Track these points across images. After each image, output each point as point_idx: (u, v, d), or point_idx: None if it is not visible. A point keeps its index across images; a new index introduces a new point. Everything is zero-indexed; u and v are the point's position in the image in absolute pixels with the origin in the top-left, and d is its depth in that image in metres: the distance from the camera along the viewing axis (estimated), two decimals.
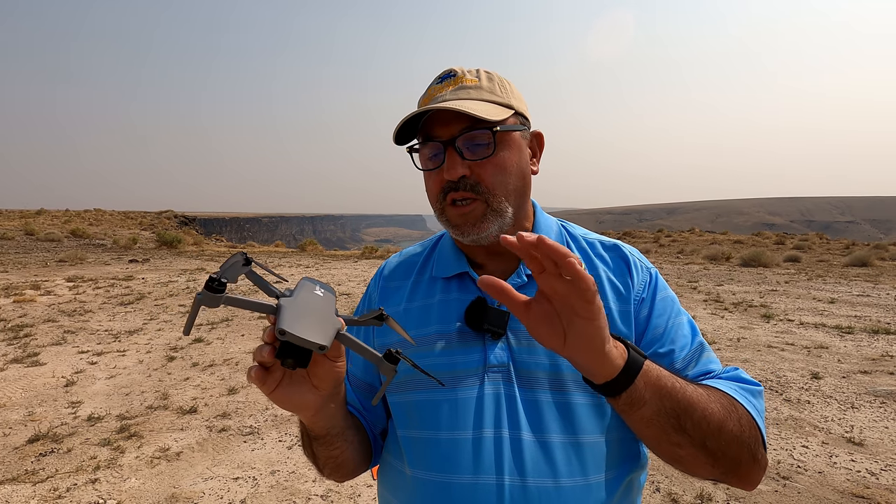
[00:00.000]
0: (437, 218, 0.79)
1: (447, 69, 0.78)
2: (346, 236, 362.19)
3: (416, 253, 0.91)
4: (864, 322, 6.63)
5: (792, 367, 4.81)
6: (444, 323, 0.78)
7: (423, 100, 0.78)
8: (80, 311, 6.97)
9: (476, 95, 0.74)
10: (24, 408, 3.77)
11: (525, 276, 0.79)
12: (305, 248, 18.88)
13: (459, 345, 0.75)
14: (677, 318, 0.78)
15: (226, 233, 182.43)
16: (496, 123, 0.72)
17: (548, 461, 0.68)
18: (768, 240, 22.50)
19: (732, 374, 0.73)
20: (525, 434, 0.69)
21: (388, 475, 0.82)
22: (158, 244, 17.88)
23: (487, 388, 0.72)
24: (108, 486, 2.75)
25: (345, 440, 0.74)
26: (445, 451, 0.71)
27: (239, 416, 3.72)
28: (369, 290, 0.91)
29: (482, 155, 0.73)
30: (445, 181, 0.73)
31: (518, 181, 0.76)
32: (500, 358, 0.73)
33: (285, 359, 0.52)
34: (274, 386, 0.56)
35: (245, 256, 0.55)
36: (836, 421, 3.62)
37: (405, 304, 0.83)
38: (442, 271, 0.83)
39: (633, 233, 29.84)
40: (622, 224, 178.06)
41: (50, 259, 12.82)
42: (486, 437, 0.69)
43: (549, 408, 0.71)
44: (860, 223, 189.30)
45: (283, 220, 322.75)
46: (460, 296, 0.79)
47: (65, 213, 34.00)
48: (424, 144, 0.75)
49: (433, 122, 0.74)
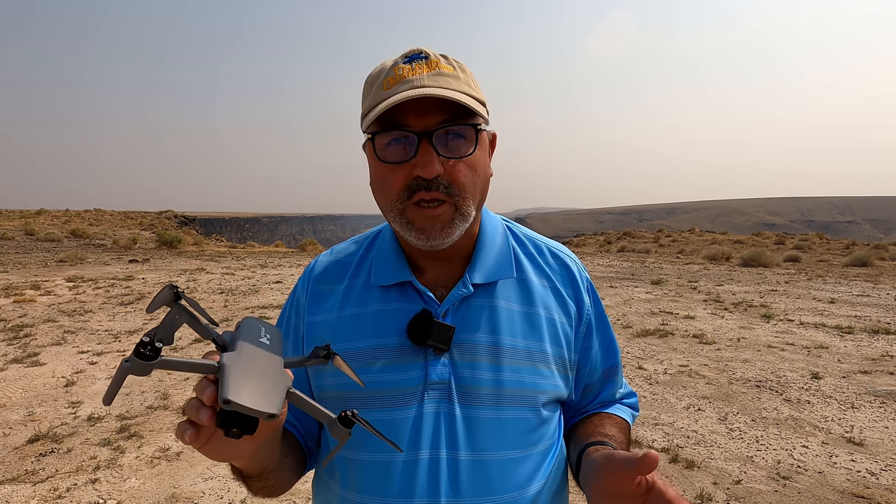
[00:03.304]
0: (390, 219, 0.70)
1: (414, 49, 0.68)
2: (346, 236, 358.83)
3: (350, 253, 0.82)
4: (864, 322, 6.63)
5: (792, 367, 4.81)
6: (382, 336, 0.71)
7: (387, 79, 0.66)
8: (80, 311, 6.97)
9: (456, 86, 0.65)
10: (24, 408, 3.77)
11: (471, 286, 0.73)
12: (305, 248, 18.89)
13: (399, 360, 0.70)
14: (608, 336, 0.83)
15: (226, 233, 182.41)
16: (481, 121, 0.67)
17: (485, 479, 0.67)
18: (768, 240, 22.51)
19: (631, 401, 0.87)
20: (463, 454, 0.67)
21: (321, 491, 0.78)
22: (158, 244, 17.88)
23: (427, 406, 0.68)
24: (108, 486, 2.75)
25: (280, 470, 0.69)
26: (380, 472, 0.68)
27: None
28: (296, 292, 0.81)
29: (460, 153, 0.65)
30: (414, 177, 0.65)
31: (484, 184, 0.71)
32: (442, 375, 0.69)
33: (228, 428, 0.45)
34: (205, 440, 0.49)
35: (175, 291, 0.48)
36: (836, 421, 3.62)
37: (337, 313, 0.75)
38: (380, 278, 0.75)
39: (633, 233, 29.84)
40: (622, 224, 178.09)
41: (50, 259, 12.82)
42: (423, 458, 0.67)
43: (488, 424, 0.68)
44: (860, 223, 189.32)
45: (283, 220, 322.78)
46: (401, 306, 0.72)
47: (65, 213, 34.01)
48: (389, 131, 0.65)
49: (405, 108, 0.64)
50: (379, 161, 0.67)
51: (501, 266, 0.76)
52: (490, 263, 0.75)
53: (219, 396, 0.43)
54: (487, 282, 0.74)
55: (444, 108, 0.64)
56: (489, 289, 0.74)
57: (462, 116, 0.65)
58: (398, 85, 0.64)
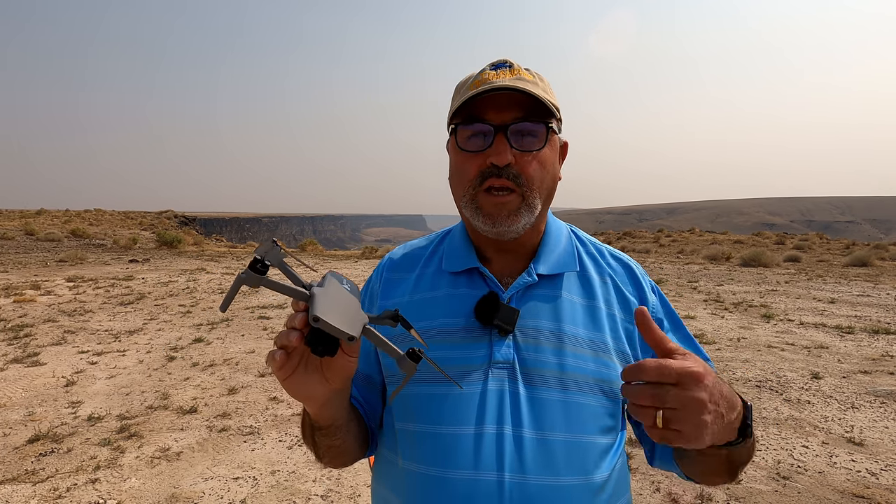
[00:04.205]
0: (461, 205, 0.77)
1: (501, 59, 0.77)
2: (346, 236, 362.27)
3: (422, 246, 0.90)
4: (864, 322, 6.63)
5: (792, 367, 4.81)
6: (451, 317, 0.77)
7: (474, 82, 0.74)
8: (80, 311, 6.97)
9: (533, 89, 0.72)
10: (24, 408, 3.77)
11: (535, 275, 0.78)
12: (305, 248, 18.89)
13: (465, 340, 0.75)
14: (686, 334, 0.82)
15: (226, 233, 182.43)
16: (552, 119, 0.73)
17: (549, 459, 0.68)
18: (768, 240, 22.51)
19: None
20: (527, 431, 0.69)
21: (382, 466, 0.82)
22: (158, 244, 17.88)
23: (491, 384, 0.72)
24: (109, 486, 2.75)
25: (347, 431, 0.74)
26: (445, 445, 0.71)
27: (239, 416, 3.72)
28: (371, 281, 0.89)
29: (531, 147, 0.72)
30: (487, 165, 0.71)
31: (551, 182, 0.76)
32: (506, 355, 0.73)
33: (315, 346, 0.53)
34: (289, 373, 0.58)
35: (275, 244, 0.57)
36: (837, 421, 3.62)
37: (409, 297, 0.82)
38: (451, 265, 0.82)
39: (633, 233, 29.84)
40: (622, 224, 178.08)
41: (50, 259, 12.82)
42: (488, 433, 0.69)
43: (553, 406, 0.71)
44: (860, 223, 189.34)
45: (283, 220, 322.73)
46: (469, 291, 0.78)
47: (65, 213, 34.01)
48: (471, 124, 0.73)
49: (485, 104, 0.72)
50: (459, 150, 0.74)
51: (565, 260, 0.81)
52: (554, 257, 0.80)
53: (309, 316, 0.50)
54: (551, 273, 0.79)
55: (521, 107, 0.71)
56: (553, 280, 0.79)
57: (536, 115, 0.71)
58: (483, 86, 0.72)
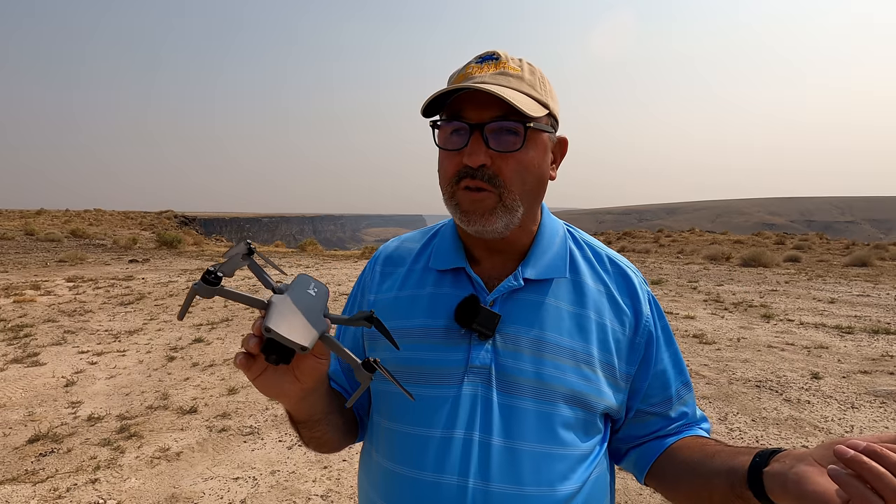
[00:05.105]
0: (445, 201, 0.76)
1: (489, 50, 0.73)
2: (346, 236, 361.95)
3: (415, 240, 0.88)
4: (864, 322, 6.63)
5: (792, 367, 4.81)
6: (432, 317, 0.76)
7: (458, 76, 0.73)
8: (80, 312, 6.97)
9: (517, 86, 0.70)
10: (24, 408, 3.77)
11: (522, 279, 0.75)
12: (305, 248, 18.88)
13: (444, 341, 0.74)
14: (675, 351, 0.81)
15: (226, 233, 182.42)
16: (531, 119, 0.68)
17: (515, 468, 0.68)
18: (768, 240, 22.50)
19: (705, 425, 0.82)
20: (496, 439, 0.68)
21: (364, 457, 0.83)
22: (158, 244, 17.87)
23: (466, 388, 0.71)
24: (108, 486, 2.75)
25: (327, 424, 0.74)
26: (413, 445, 0.71)
27: (239, 416, 3.72)
28: (364, 273, 0.89)
29: (508, 148, 0.69)
30: (463, 165, 0.70)
31: (535, 183, 0.73)
32: (484, 360, 0.72)
33: (269, 354, 0.54)
34: (258, 373, 0.58)
35: (248, 247, 0.58)
36: (837, 421, 3.62)
37: (396, 292, 0.81)
38: (438, 263, 0.80)
39: (633, 233, 29.84)
40: (622, 224, 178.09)
41: (50, 259, 12.82)
42: (456, 437, 0.69)
43: (525, 415, 0.70)
44: (860, 223, 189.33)
45: (283, 220, 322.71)
46: (452, 291, 0.77)
47: (65, 213, 34.02)
48: (449, 122, 0.71)
49: (465, 101, 0.69)
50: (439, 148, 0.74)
51: (555, 265, 0.78)
52: (544, 261, 0.78)
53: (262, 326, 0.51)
54: (539, 278, 0.76)
55: (500, 105, 0.68)
56: (541, 286, 0.76)
57: (517, 113, 0.67)
58: (463, 81, 0.70)
